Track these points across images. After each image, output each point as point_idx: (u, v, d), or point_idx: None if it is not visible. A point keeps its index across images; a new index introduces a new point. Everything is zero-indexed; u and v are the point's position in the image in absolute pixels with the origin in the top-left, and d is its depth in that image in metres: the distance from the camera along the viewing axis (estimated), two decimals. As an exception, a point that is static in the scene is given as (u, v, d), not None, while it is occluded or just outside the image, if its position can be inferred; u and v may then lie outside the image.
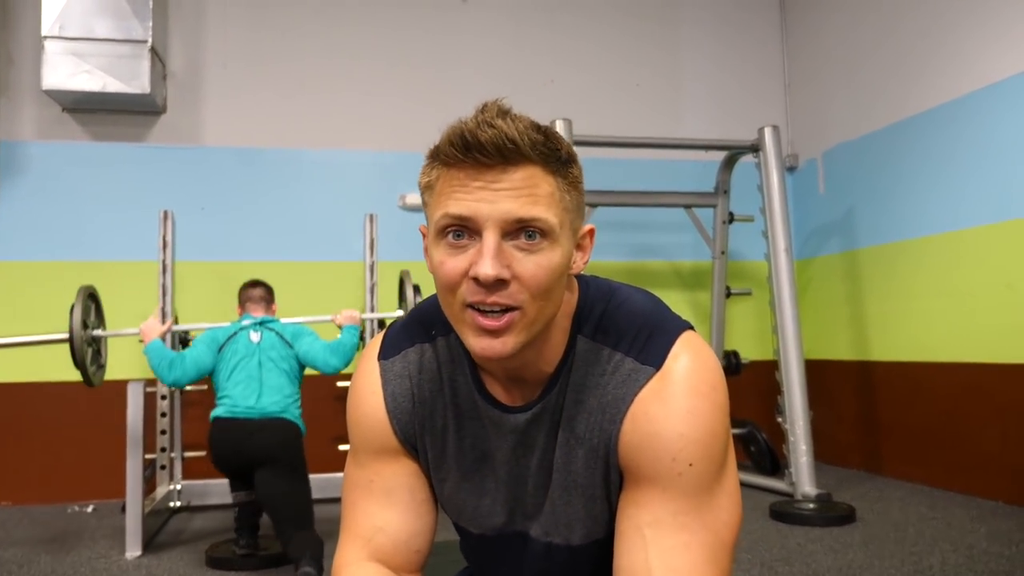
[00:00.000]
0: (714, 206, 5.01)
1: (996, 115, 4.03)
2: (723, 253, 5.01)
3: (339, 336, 3.46)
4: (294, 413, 3.25)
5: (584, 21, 5.55)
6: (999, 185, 4.01)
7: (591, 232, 0.94)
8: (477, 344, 0.85)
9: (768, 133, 4.45)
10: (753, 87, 5.73)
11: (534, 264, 0.83)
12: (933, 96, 4.44)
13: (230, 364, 3.23)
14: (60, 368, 4.62)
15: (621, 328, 0.93)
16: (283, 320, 3.48)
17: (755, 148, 4.52)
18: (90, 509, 4.32)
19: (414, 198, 5.03)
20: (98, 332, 3.56)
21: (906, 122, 4.64)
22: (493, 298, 0.83)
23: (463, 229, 0.84)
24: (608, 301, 0.96)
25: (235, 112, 5.03)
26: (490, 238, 0.82)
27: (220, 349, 3.28)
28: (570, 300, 0.95)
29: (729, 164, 4.92)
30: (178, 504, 4.19)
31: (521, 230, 0.83)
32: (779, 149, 4.46)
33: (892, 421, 4.72)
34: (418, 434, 1.01)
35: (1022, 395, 3.83)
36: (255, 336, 3.31)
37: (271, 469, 3.02)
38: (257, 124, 5.04)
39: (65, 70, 4.46)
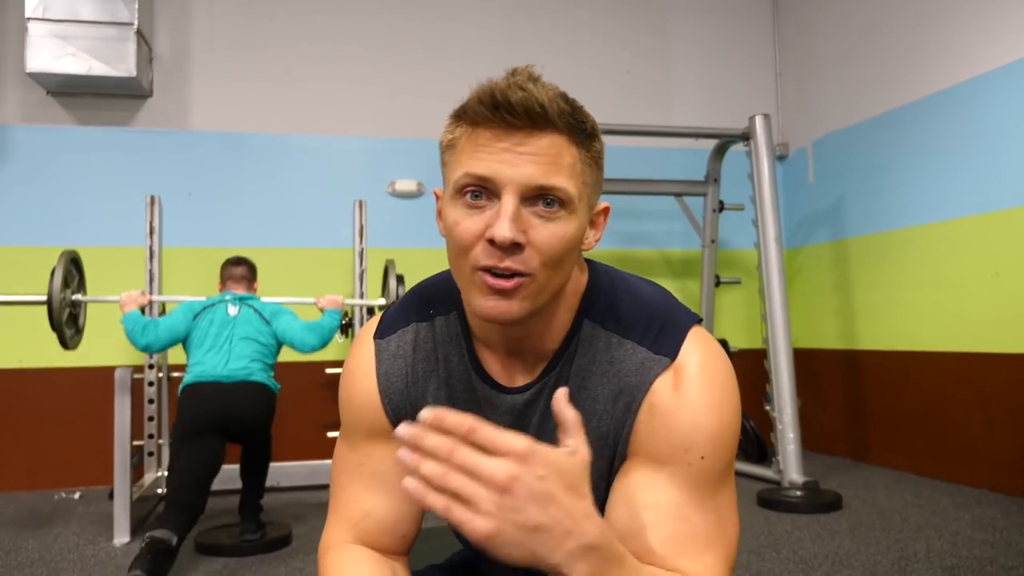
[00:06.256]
0: (704, 194, 5.01)
1: (984, 106, 4.04)
2: (713, 242, 5.02)
3: (320, 319, 3.45)
4: (262, 375, 3.24)
5: (574, 7, 5.51)
6: (987, 175, 4.02)
7: (606, 210, 0.93)
8: (484, 304, 0.84)
9: (759, 122, 4.45)
10: (744, 75, 5.73)
11: (550, 232, 0.83)
12: (922, 86, 4.45)
13: (204, 332, 3.25)
14: (47, 354, 4.60)
15: (632, 317, 0.93)
16: (264, 299, 3.50)
17: (746, 137, 4.51)
18: (77, 496, 4.30)
19: (403, 184, 5.01)
20: (78, 296, 3.60)
21: (895, 112, 4.65)
22: (506, 263, 0.82)
23: (482, 190, 0.83)
24: (618, 289, 0.96)
25: (222, 97, 4.98)
26: (509, 201, 0.81)
27: (196, 317, 3.31)
28: (580, 279, 0.95)
29: (719, 152, 4.92)
30: (166, 491, 4.17)
31: (540, 197, 0.82)
32: (770, 138, 4.46)
33: (879, 409, 4.75)
34: (410, 414, 0.98)
35: (1007, 384, 3.86)
36: (233, 309, 3.33)
37: (245, 435, 3.21)
38: (245, 109, 4.99)
39: (49, 53, 4.40)
